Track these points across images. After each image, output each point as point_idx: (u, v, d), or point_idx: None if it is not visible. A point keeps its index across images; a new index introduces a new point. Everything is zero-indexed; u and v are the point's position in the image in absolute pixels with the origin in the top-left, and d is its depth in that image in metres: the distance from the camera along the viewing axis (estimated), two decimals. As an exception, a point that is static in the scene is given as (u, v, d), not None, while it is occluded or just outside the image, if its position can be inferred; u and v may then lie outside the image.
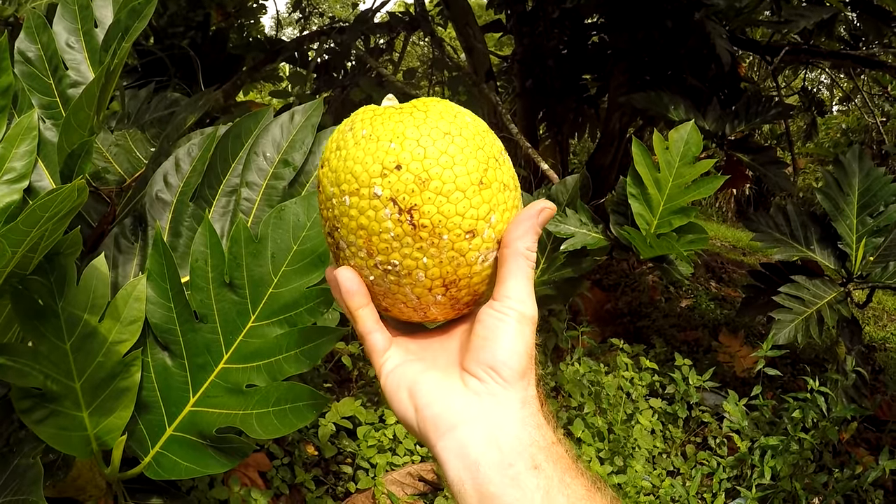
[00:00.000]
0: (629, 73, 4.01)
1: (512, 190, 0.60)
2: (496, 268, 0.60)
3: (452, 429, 0.54)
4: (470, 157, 0.57)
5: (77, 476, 1.07)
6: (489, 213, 0.57)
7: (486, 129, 0.61)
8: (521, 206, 0.61)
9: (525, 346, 0.57)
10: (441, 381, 0.58)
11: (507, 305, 0.58)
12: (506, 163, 0.61)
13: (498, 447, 0.52)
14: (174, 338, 0.94)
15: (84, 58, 1.19)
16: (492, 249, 0.59)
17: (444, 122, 0.58)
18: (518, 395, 0.55)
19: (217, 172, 1.11)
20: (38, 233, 0.69)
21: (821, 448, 2.46)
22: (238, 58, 3.98)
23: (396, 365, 0.60)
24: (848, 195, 2.68)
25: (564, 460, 0.53)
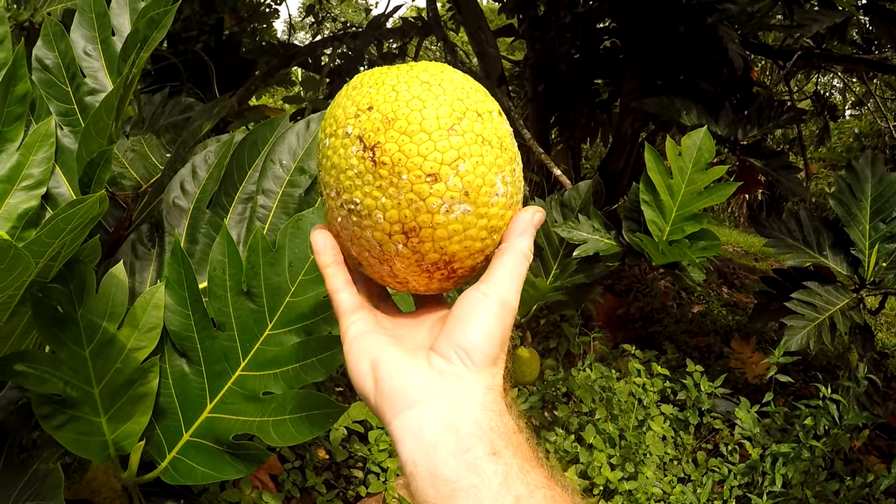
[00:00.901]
0: (641, 77, 4.00)
1: (495, 147, 0.58)
2: (482, 254, 0.61)
3: (411, 406, 0.53)
4: (443, 105, 0.57)
5: (92, 478, 1.08)
6: (456, 161, 0.56)
7: (477, 88, 0.61)
8: (513, 170, 0.60)
9: (500, 333, 0.56)
10: (405, 357, 0.56)
11: (491, 288, 0.57)
12: (494, 122, 0.59)
13: (456, 431, 0.51)
14: (192, 345, 0.95)
15: (101, 66, 1.20)
16: (459, 201, 0.57)
17: (426, 74, 0.59)
18: (483, 382, 0.55)
19: (234, 180, 1.12)
20: (59, 243, 0.70)
21: (832, 456, 2.45)
22: (251, 62, 4.00)
23: (362, 331, 0.59)
24: (861, 201, 2.67)
25: (524, 449, 0.52)
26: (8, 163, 1.04)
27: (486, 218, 0.58)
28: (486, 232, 0.59)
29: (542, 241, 2.28)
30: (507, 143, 0.60)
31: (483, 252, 0.60)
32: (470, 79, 0.62)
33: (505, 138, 0.60)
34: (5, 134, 1.04)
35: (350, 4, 10.40)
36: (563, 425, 2.60)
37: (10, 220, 1.03)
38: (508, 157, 0.60)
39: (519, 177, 0.62)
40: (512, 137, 0.62)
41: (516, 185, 0.61)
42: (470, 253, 0.60)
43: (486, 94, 0.61)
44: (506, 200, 0.59)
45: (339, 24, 6.32)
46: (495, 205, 0.58)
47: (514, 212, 0.61)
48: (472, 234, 0.59)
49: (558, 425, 2.59)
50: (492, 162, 0.58)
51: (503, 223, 0.60)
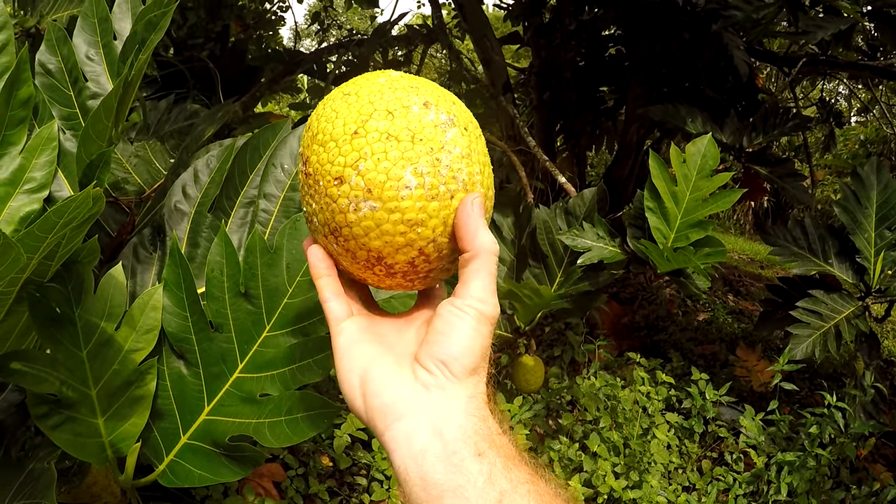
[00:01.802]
0: (646, 85, 4.00)
1: (403, 141, 0.59)
2: (413, 248, 0.61)
3: (399, 419, 0.56)
4: (352, 111, 0.61)
5: (92, 483, 1.08)
6: (357, 161, 0.59)
7: (406, 86, 0.62)
8: (435, 160, 0.59)
9: (479, 345, 0.59)
10: (392, 371, 0.59)
11: (467, 303, 0.59)
12: (409, 116, 0.60)
13: (442, 437, 0.54)
14: (190, 347, 0.95)
15: (103, 70, 1.20)
16: (363, 199, 0.59)
17: (351, 86, 0.64)
18: (466, 391, 0.57)
19: (235, 184, 1.12)
20: (54, 239, 0.70)
21: (838, 464, 2.43)
22: (256, 69, 4.01)
23: (351, 341, 0.62)
24: (866, 208, 2.66)
25: (508, 448, 0.55)
26: (11, 166, 1.04)
27: (398, 212, 0.59)
28: (404, 226, 0.60)
29: (546, 248, 2.27)
30: (425, 135, 0.60)
31: (413, 245, 0.61)
32: (406, 77, 0.64)
33: (421, 130, 0.60)
34: (8, 137, 1.05)
35: (356, 12, 10.44)
36: (568, 433, 2.58)
37: (13, 223, 1.03)
38: (425, 149, 0.59)
39: (450, 164, 0.60)
40: (444, 126, 0.61)
41: (441, 175, 0.59)
42: (395, 248, 0.61)
43: (415, 88, 0.62)
44: (423, 192, 0.59)
45: (344, 32, 6.34)
46: (407, 198, 0.59)
47: (453, 200, 0.61)
48: (387, 230, 0.60)
49: (563, 433, 2.58)
50: (398, 157, 0.59)
51: (427, 215, 0.60)
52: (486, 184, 0.64)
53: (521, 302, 2.10)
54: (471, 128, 0.64)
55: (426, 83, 0.64)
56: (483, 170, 0.63)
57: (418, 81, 0.64)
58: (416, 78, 0.64)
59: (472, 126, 0.64)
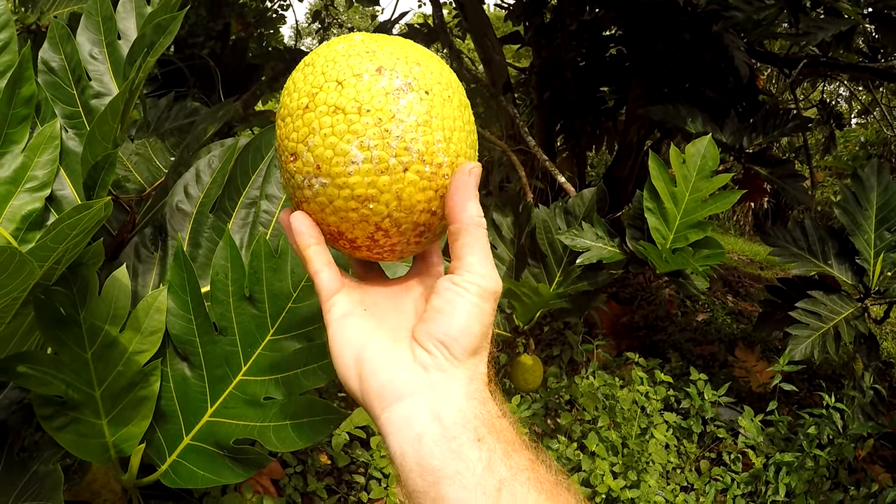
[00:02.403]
0: (647, 85, 4.00)
1: (350, 113, 0.56)
2: (369, 224, 0.59)
3: (398, 401, 0.54)
4: (306, 83, 0.59)
5: (92, 480, 1.08)
6: (307, 136, 0.57)
7: (360, 52, 0.59)
8: (383, 132, 0.56)
9: (480, 324, 0.56)
10: (388, 349, 0.57)
11: (466, 280, 0.57)
12: (359, 85, 0.57)
13: (441, 421, 0.52)
14: (194, 349, 0.95)
15: (107, 69, 1.20)
16: (314, 175, 0.58)
17: (312, 54, 0.61)
18: (466, 373, 0.55)
19: (237, 184, 1.12)
20: (63, 248, 0.70)
21: (836, 465, 2.44)
22: (257, 67, 4.00)
23: (343, 314, 0.60)
24: (866, 210, 2.67)
25: (508, 433, 0.53)
26: (12, 164, 1.05)
27: (347, 188, 0.58)
28: (355, 202, 0.58)
29: (545, 248, 2.28)
30: (373, 105, 0.56)
31: (368, 221, 0.59)
32: (367, 39, 0.60)
33: (370, 100, 0.56)
34: (10, 136, 1.05)
35: (356, 11, 10.43)
36: (566, 433, 2.59)
37: (14, 221, 1.04)
38: (372, 120, 0.56)
39: (402, 135, 0.56)
40: (397, 93, 0.57)
41: (390, 148, 0.56)
42: (352, 223, 0.60)
43: (371, 53, 0.58)
44: (371, 167, 0.57)
45: (345, 30, 6.34)
46: (355, 173, 0.57)
47: (407, 173, 0.57)
48: (339, 206, 0.59)
49: (561, 433, 2.59)
50: (344, 130, 0.56)
51: (377, 190, 0.57)
52: (454, 151, 0.59)
53: (520, 301, 2.10)
54: (436, 90, 0.59)
55: (389, 44, 0.60)
56: (451, 135, 0.59)
57: (379, 43, 0.59)
58: (381, 38, 0.61)
59: (440, 88, 0.59)
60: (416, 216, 0.59)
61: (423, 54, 0.61)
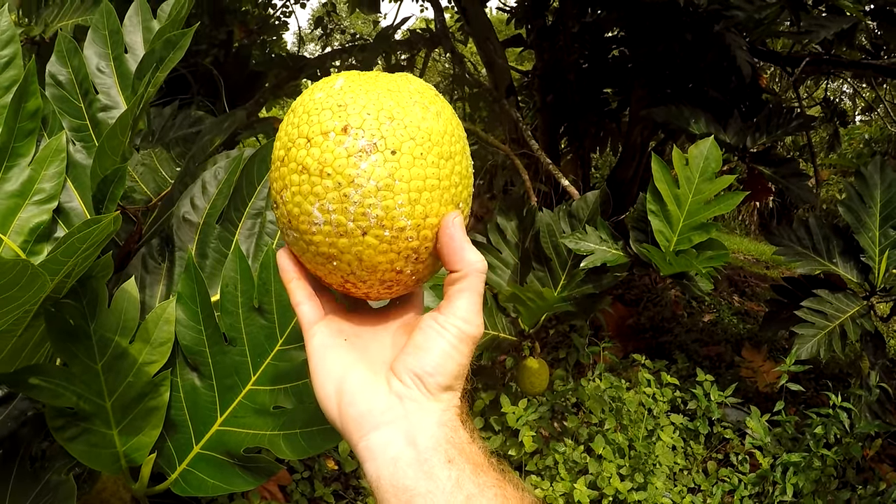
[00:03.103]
0: (650, 86, 4.01)
1: (314, 174, 0.57)
2: (339, 276, 0.61)
3: (375, 429, 0.57)
4: (286, 133, 0.61)
5: (102, 489, 1.09)
6: (282, 190, 0.59)
7: (332, 102, 0.58)
8: (342, 196, 0.56)
9: (457, 363, 0.59)
10: (366, 381, 0.59)
11: (450, 322, 0.59)
12: (325, 143, 0.56)
13: (415, 446, 0.55)
14: (203, 359, 0.96)
15: (114, 82, 1.21)
16: (288, 227, 0.60)
17: (298, 99, 0.63)
18: (440, 405, 0.58)
19: (243, 195, 1.13)
20: (74, 261, 0.71)
21: (844, 465, 2.44)
22: (260, 74, 4.03)
23: (323, 344, 0.63)
24: (870, 207, 2.67)
25: (477, 456, 0.56)
26: (20, 177, 1.06)
27: (313, 245, 0.59)
28: (321, 258, 0.60)
29: (550, 251, 2.28)
30: (333, 168, 0.56)
31: (335, 274, 0.61)
32: (345, 88, 0.59)
33: (332, 162, 0.56)
34: (17, 149, 1.06)
35: (359, 17, 10.45)
36: (573, 436, 2.59)
37: (22, 234, 1.05)
38: (332, 184, 0.56)
39: (361, 200, 0.56)
40: (359, 156, 0.56)
41: (348, 213, 0.56)
42: (324, 273, 0.62)
43: (343, 107, 0.58)
44: (331, 229, 0.57)
45: (348, 36, 6.36)
46: (317, 233, 0.58)
47: (366, 237, 0.57)
48: (308, 259, 0.61)
49: (567, 436, 2.59)
50: (308, 191, 0.57)
51: (338, 250, 0.58)
52: (420, 213, 0.58)
53: (525, 305, 2.11)
54: (406, 147, 0.57)
55: (366, 94, 0.59)
56: (418, 196, 0.57)
57: (355, 94, 0.58)
58: (361, 85, 0.59)
59: (411, 145, 0.57)
60: (380, 275, 0.61)
61: (403, 103, 0.59)
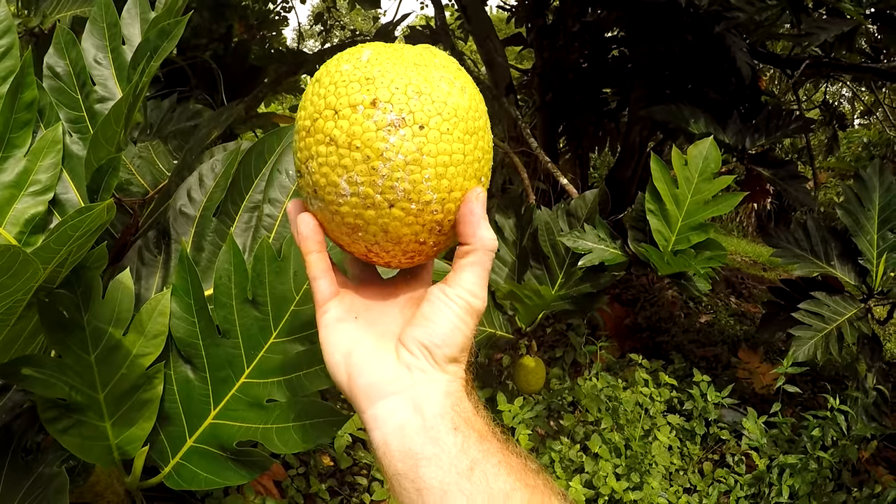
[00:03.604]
0: (649, 86, 4.00)
1: (342, 147, 0.57)
2: (361, 244, 0.62)
3: (383, 398, 0.58)
4: (312, 104, 0.61)
5: (95, 482, 1.09)
6: (307, 160, 0.60)
7: (360, 74, 0.58)
8: (370, 169, 0.57)
9: (463, 335, 0.61)
10: (375, 351, 0.61)
11: (457, 293, 0.61)
12: (353, 117, 0.57)
13: (422, 413, 0.57)
14: (197, 352, 0.95)
15: (111, 74, 1.21)
16: (313, 196, 0.61)
17: (323, 68, 0.64)
18: (446, 376, 0.60)
19: (240, 188, 1.13)
20: (67, 250, 0.70)
21: (840, 467, 2.44)
22: (259, 69, 4.01)
23: (335, 319, 0.64)
24: (868, 210, 2.67)
25: (481, 425, 0.58)
26: (15, 168, 1.05)
27: (338, 216, 0.60)
28: (346, 228, 0.61)
29: (548, 250, 2.28)
30: (363, 141, 0.57)
31: (359, 243, 0.62)
32: (373, 61, 0.59)
33: (361, 135, 0.57)
34: (13, 140, 1.05)
35: (359, 13, 10.44)
36: (569, 434, 2.59)
37: (18, 225, 1.04)
38: (361, 157, 0.57)
39: (389, 173, 0.57)
40: (388, 129, 0.57)
41: (376, 185, 0.57)
42: (347, 241, 0.63)
43: (371, 80, 0.58)
44: (358, 201, 0.58)
45: (347, 32, 6.35)
46: (345, 203, 0.59)
47: (393, 209, 0.58)
48: (333, 228, 0.62)
49: (564, 434, 2.59)
50: (336, 162, 0.58)
51: (364, 221, 0.59)
52: (446, 186, 0.59)
53: (523, 303, 2.10)
54: (434, 122, 0.58)
55: (394, 67, 0.59)
56: (444, 171, 0.58)
57: (383, 67, 0.58)
58: (388, 57, 0.60)
59: (438, 120, 0.58)
60: (404, 246, 0.61)
61: (431, 77, 0.59)
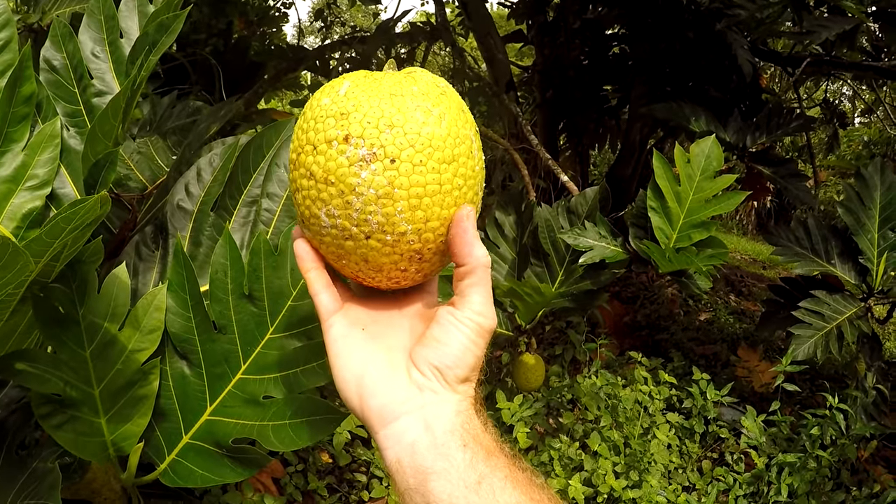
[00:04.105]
0: (650, 84, 4.00)
1: (319, 182, 0.60)
2: (348, 270, 0.64)
3: (395, 419, 0.60)
4: (297, 136, 0.63)
5: (92, 479, 1.08)
6: (295, 191, 0.63)
7: (336, 109, 0.60)
8: (345, 203, 0.59)
9: (474, 356, 0.63)
10: (386, 372, 0.63)
11: (467, 316, 0.63)
12: (329, 152, 0.59)
13: (433, 431, 0.59)
14: (193, 347, 0.94)
15: (109, 67, 1.20)
16: (302, 223, 0.64)
17: (310, 100, 0.65)
18: (457, 396, 0.62)
19: (238, 183, 1.12)
20: (60, 243, 0.70)
21: (839, 466, 2.43)
22: (259, 65, 4.01)
23: (342, 334, 0.65)
24: (869, 209, 2.66)
25: (490, 442, 0.60)
26: (13, 163, 1.04)
27: (324, 244, 0.63)
28: (331, 255, 0.64)
29: (548, 247, 2.27)
30: (336, 176, 0.58)
31: (345, 269, 0.65)
32: (350, 93, 0.61)
33: (335, 171, 0.58)
34: (10, 134, 1.05)
35: (359, 9, 10.43)
36: (568, 432, 2.59)
37: (15, 219, 1.03)
38: (336, 192, 0.59)
39: (362, 207, 0.59)
40: (360, 165, 0.58)
41: (351, 218, 0.59)
42: (338, 267, 0.66)
43: (345, 116, 0.59)
44: (337, 232, 0.61)
45: (348, 29, 6.34)
46: (326, 234, 0.62)
47: (370, 240, 0.60)
48: (324, 253, 0.65)
49: (563, 432, 2.59)
50: (315, 196, 0.60)
51: (345, 251, 0.62)
52: (421, 217, 0.60)
53: (523, 300, 2.10)
54: (405, 155, 0.58)
55: (369, 100, 0.60)
56: (419, 202, 0.59)
57: (357, 101, 0.60)
58: (364, 90, 0.61)
59: (411, 152, 0.59)
60: (387, 273, 0.64)
61: (405, 108, 0.60)
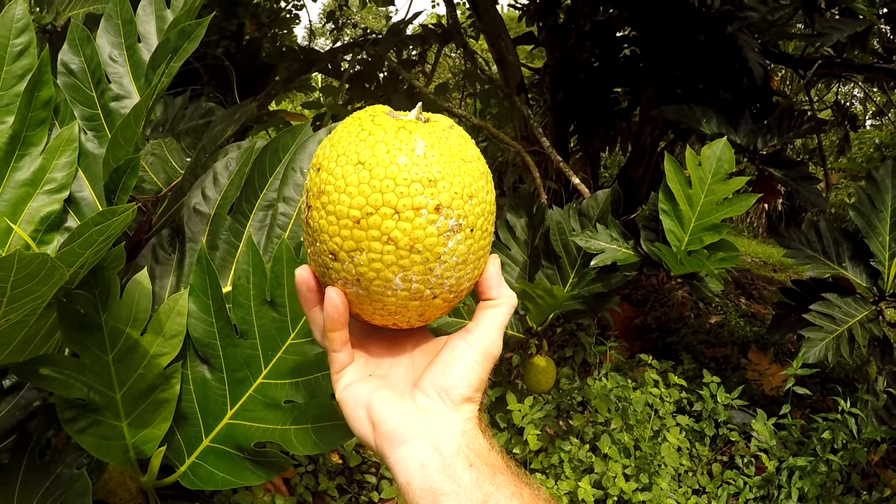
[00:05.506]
0: (661, 86, 3.99)
1: (402, 248, 0.58)
2: (390, 321, 0.65)
3: (404, 443, 0.62)
4: (361, 193, 0.58)
5: (108, 479, 1.09)
6: (353, 251, 0.59)
7: (419, 173, 0.58)
8: (426, 270, 0.59)
9: (478, 378, 0.66)
10: (394, 402, 0.65)
11: (478, 339, 0.66)
12: (416, 220, 0.57)
13: (441, 453, 0.61)
14: (214, 352, 0.95)
15: (126, 71, 1.21)
16: (352, 283, 0.61)
17: (368, 151, 0.60)
18: (462, 416, 0.64)
19: (255, 187, 1.13)
20: (90, 253, 0.70)
21: (849, 470, 2.43)
22: (271, 67, 4.02)
23: (352, 381, 0.67)
24: (881, 212, 2.65)
25: (495, 460, 0.62)
26: (31, 167, 1.05)
27: (380, 303, 0.62)
28: (383, 311, 0.63)
29: (559, 249, 2.28)
30: (424, 245, 0.58)
31: (386, 320, 0.64)
32: (430, 152, 0.58)
33: (423, 240, 0.58)
34: (29, 138, 1.05)
35: (370, 11, 10.44)
36: (578, 434, 2.59)
37: (33, 223, 1.04)
38: (420, 259, 0.58)
39: (442, 273, 0.60)
40: (448, 234, 0.59)
41: (429, 283, 0.60)
42: (372, 318, 0.65)
43: (432, 183, 0.58)
44: (407, 294, 0.61)
45: (359, 31, 6.35)
46: (393, 296, 0.61)
47: (436, 300, 0.62)
48: (365, 309, 0.63)
49: (573, 434, 2.59)
50: (392, 262, 0.58)
51: (406, 309, 0.62)
52: (478, 274, 0.65)
53: (534, 302, 2.10)
54: (479, 224, 0.61)
55: (448, 165, 0.59)
56: (479, 262, 0.64)
57: (442, 168, 0.58)
58: (440, 153, 0.59)
59: (482, 221, 0.61)
60: (426, 318, 0.66)
61: (475, 176, 0.60)
